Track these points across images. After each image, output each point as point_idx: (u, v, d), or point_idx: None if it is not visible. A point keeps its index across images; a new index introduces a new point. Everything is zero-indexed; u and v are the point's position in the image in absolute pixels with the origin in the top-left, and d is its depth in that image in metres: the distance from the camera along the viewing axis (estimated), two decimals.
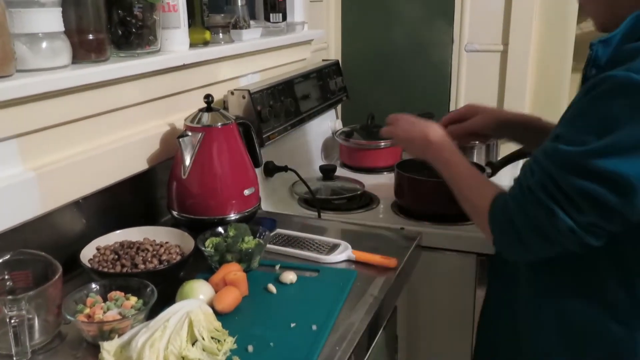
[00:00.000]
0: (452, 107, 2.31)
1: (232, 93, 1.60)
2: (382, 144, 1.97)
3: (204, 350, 0.89)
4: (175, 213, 1.35)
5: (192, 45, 1.47)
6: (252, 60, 1.78)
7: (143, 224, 1.29)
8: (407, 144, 1.24)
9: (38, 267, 1.00)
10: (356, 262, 1.24)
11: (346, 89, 2.23)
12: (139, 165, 1.36)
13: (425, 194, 1.57)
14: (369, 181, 1.81)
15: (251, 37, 1.76)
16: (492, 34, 2.22)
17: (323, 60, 2.24)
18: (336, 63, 2.21)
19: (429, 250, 1.49)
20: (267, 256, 1.26)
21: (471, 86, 2.29)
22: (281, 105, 1.72)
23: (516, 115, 1.30)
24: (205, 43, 1.54)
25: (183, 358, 0.87)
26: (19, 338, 0.88)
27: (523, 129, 1.27)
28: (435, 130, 1.17)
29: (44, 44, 1.07)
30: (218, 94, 1.58)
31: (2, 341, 0.94)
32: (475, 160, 1.80)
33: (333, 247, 1.29)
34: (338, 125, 2.21)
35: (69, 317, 0.94)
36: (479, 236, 1.14)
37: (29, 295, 0.91)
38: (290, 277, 1.15)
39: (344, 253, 1.25)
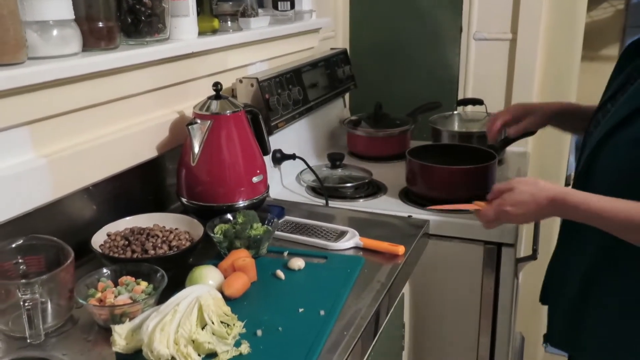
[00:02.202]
0: (460, 96, 2.31)
1: (241, 81, 1.61)
2: (390, 132, 1.97)
3: (213, 334, 0.91)
4: (184, 200, 1.36)
5: (201, 33, 1.48)
6: (260, 49, 1.78)
7: (152, 211, 1.30)
8: (523, 219, 1.12)
9: (50, 252, 1.02)
10: (364, 249, 1.25)
11: (354, 78, 2.23)
12: (148, 152, 1.37)
13: (437, 180, 1.58)
14: (377, 169, 1.81)
15: (259, 25, 1.76)
16: (501, 22, 2.21)
17: (331, 48, 2.24)
18: (344, 51, 2.21)
19: (436, 238, 1.50)
20: (275, 243, 1.27)
21: (479, 75, 2.28)
22: (289, 93, 1.73)
23: (561, 107, 1.35)
24: (214, 31, 1.55)
25: (193, 341, 0.88)
26: (32, 321, 0.90)
27: (570, 117, 1.33)
28: (555, 191, 1.05)
29: (54, 32, 1.08)
30: (226, 82, 1.59)
31: (16, 324, 0.96)
32: (476, 145, 1.81)
33: (341, 234, 1.30)
34: (346, 113, 2.21)
35: (81, 301, 0.96)
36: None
37: (42, 279, 0.93)
38: (298, 263, 1.16)
39: (351, 240, 1.26)
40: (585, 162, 1.09)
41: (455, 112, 2.16)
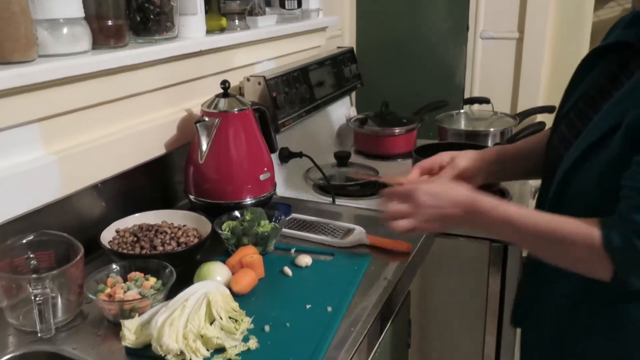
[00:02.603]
0: (466, 95, 2.31)
1: (248, 79, 1.62)
2: (397, 131, 1.98)
3: (222, 329, 0.92)
4: (192, 197, 1.37)
5: (209, 31, 1.49)
6: (267, 47, 1.79)
7: (160, 208, 1.31)
8: (440, 226, 1.02)
9: (60, 247, 1.03)
10: (370, 247, 1.26)
11: (360, 76, 2.23)
12: (157, 150, 1.38)
13: None
14: (383, 168, 1.82)
15: (266, 23, 1.77)
16: (507, 21, 2.21)
17: (338, 47, 2.24)
18: (351, 50, 2.21)
19: (442, 237, 1.50)
20: (282, 240, 1.28)
21: (486, 74, 2.29)
22: (296, 92, 1.74)
23: (486, 156, 1.18)
24: (222, 30, 1.56)
25: (202, 336, 0.89)
26: (43, 315, 0.91)
27: (495, 164, 1.17)
28: (465, 195, 0.96)
29: (64, 30, 1.09)
30: (234, 80, 1.59)
31: (27, 318, 0.97)
32: (482, 144, 1.81)
33: (348, 232, 1.30)
34: (352, 112, 2.22)
35: (91, 296, 0.97)
36: None
37: (53, 275, 0.94)
38: (305, 260, 1.17)
39: (358, 237, 1.27)
40: (558, 186, 0.95)
41: (461, 110, 2.17)
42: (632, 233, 0.80)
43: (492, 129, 1.95)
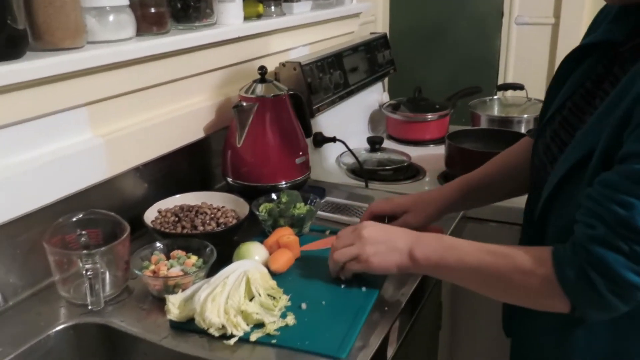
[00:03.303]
0: (500, 81, 2.30)
1: (284, 65, 1.65)
2: (429, 116, 1.99)
3: (261, 305, 0.96)
4: (229, 180, 1.41)
5: (246, 18, 1.52)
6: (302, 33, 1.82)
7: (198, 190, 1.36)
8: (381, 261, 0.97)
9: (107, 226, 1.08)
10: None
11: (393, 62, 2.24)
12: (196, 133, 1.42)
13: (476, 165, 1.59)
14: (416, 153, 1.84)
15: (301, 10, 1.79)
16: (543, 6, 2.19)
17: (371, 33, 2.26)
18: (384, 36, 2.22)
19: (475, 222, 1.52)
20: (317, 222, 1.31)
21: (520, 60, 2.28)
22: (330, 77, 1.76)
23: (448, 193, 1.17)
24: (258, 16, 1.59)
25: (242, 312, 0.93)
26: (93, 289, 0.96)
27: (462, 199, 1.17)
28: (404, 241, 0.95)
29: (111, 17, 1.13)
30: (269, 66, 1.62)
31: (77, 292, 1.03)
32: (516, 130, 1.82)
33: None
34: (385, 97, 2.23)
35: (137, 272, 1.02)
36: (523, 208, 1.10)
37: (101, 251, 0.99)
38: None
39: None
40: (542, 208, 0.90)
41: (495, 97, 2.16)
42: (588, 266, 0.74)
43: (525, 116, 1.94)
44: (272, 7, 1.67)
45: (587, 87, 0.92)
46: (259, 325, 0.94)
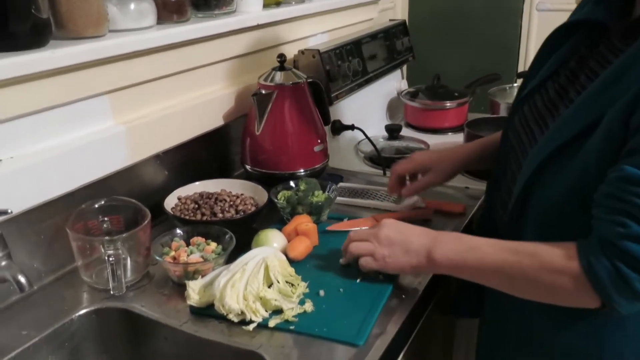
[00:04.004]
0: (520, 69, 2.28)
1: (303, 52, 1.65)
2: (448, 104, 1.98)
3: (279, 292, 0.97)
4: (248, 167, 1.42)
5: (265, 5, 1.53)
6: (321, 21, 1.81)
7: (217, 177, 1.37)
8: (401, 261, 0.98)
9: (129, 212, 1.10)
10: (424, 209, 1.30)
11: (412, 49, 2.23)
12: (215, 121, 1.43)
13: (494, 154, 1.59)
14: (434, 141, 1.83)
15: None
16: None
17: (390, 20, 2.25)
18: (403, 23, 2.21)
19: None
20: (336, 209, 1.32)
21: None
22: (349, 64, 1.76)
23: (466, 152, 1.22)
24: (278, 3, 1.59)
25: (261, 298, 0.95)
26: (115, 274, 0.98)
27: (478, 159, 1.21)
28: (421, 242, 0.95)
29: (132, 6, 1.14)
30: (288, 53, 1.63)
31: (99, 277, 1.05)
32: None
33: (400, 197, 1.33)
34: (403, 85, 2.22)
35: (157, 258, 1.04)
36: None
37: (123, 237, 1.01)
38: None
39: (413, 200, 1.30)
40: (522, 192, 0.88)
41: (514, 84, 2.15)
42: (621, 263, 0.74)
43: None
44: None
45: (571, 66, 0.92)
46: (278, 311, 0.95)
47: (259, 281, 0.97)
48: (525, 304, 0.88)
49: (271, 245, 1.10)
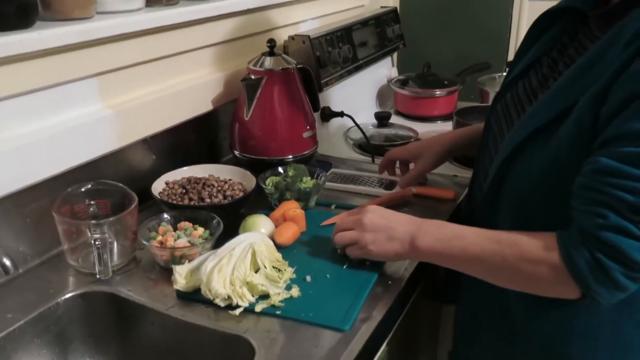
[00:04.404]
0: (510, 58, 2.28)
1: (293, 38, 1.64)
2: (438, 92, 1.98)
3: (266, 277, 0.97)
4: (237, 153, 1.42)
5: None
6: (311, 6, 1.80)
7: (206, 162, 1.37)
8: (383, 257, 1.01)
9: (116, 196, 1.10)
10: (416, 196, 1.31)
11: (403, 37, 2.23)
12: (204, 106, 1.43)
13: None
14: (423, 129, 1.83)
15: None
16: None
17: (381, 7, 2.24)
18: (394, 10, 2.20)
19: None
20: (325, 194, 1.32)
21: None
22: (339, 51, 1.75)
23: (455, 136, 1.26)
24: None
25: (248, 283, 0.95)
26: (102, 258, 0.98)
27: (468, 143, 1.22)
28: (412, 217, 0.97)
29: None
30: (278, 38, 1.62)
31: (85, 261, 1.04)
32: None
33: (391, 183, 1.34)
34: (394, 73, 2.22)
35: (144, 242, 1.03)
36: None
37: (110, 221, 1.00)
38: None
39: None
40: (497, 173, 0.90)
41: (504, 73, 2.14)
42: (600, 254, 0.75)
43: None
44: None
45: (552, 55, 0.93)
46: (264, 296, 0.95)
47: (246, 266, 0.97)
48: (499, 291, 0.89)
49: (259, 231, 1.10)
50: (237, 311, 0.93)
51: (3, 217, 1.00)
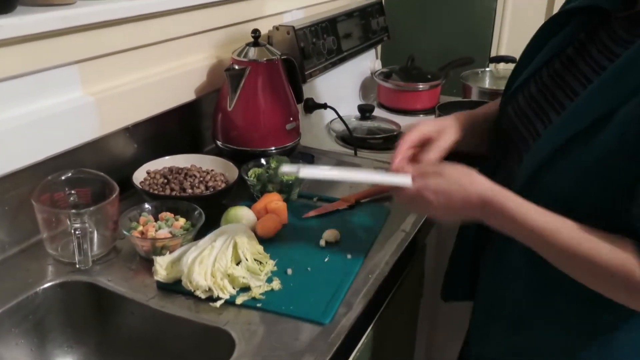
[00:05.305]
0: (493, 53, 2.30)
1: (277, 28, 1.63)
2: (421, 86, 1.99)
3: (247, 269, 0.97)
4: (219, 143, 1.41)
5: None
6: None
7: (188, 152, 1.36)
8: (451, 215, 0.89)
9: (96, 185, 1.09)
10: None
11: (387, 29, 2.22)
12: (187, 95, 1.41)
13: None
14: (405, 122, 1.84)
15: None
16: None
17: None
18: (379, 2, 2.20)
19: None
20: (308, 186, 1.32)
21: (515, 32, 2.26)
22: (323, 42, 1.74)
23: (477, 112, 1.11)
24: None
25: (229, 275, 0.95)
26: (81, 248, 0.97)
27: (486, 120, 1.09)
28: (478, 195, 0.83)
29: None
30: (263, 28, 1.61)
31: (65, 250, 1.03)
32: None
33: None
34: (377, 65, 2.22)
35: (125, 232, 1.03)
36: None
37: (90, 210, 1.00)
38: (335, 234, 1.12)
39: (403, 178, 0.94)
40: (529, 179, 0.84)
41: (487, 69, 2.16)
42: None
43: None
44: None
45: (568, 53, 0.91)
46: (245, 289, 0.96)
47: (227, 258, 0.97)
48: (516, 286, 0.90)
49: (240, 223, 1.10)
50: (218, 303, 0.93)
51: None
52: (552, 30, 0.95)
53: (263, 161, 1.31)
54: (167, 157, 1.30)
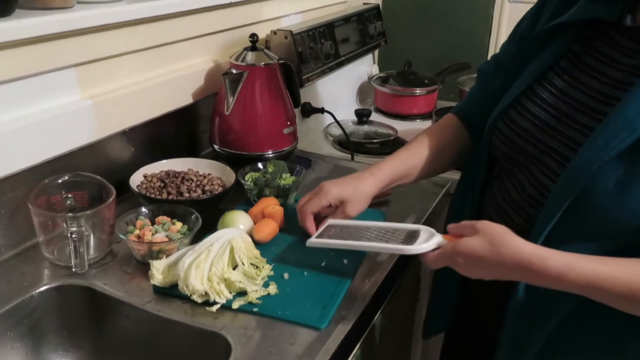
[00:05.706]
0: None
1: (275, 33, 1.63)
2: (417, 91, 2.00)
3: (244, 274, 0.97)
4: (216, 147, 1.41)
5: None
6: (294, 1, 1.80)
7: (185, 156, 1.36)
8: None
9: (93, 189, 1.09)
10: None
11: (385, 34, 2.23)
12: (184, 99, 1.42)
13: None
14: (402, 127, 1.84)
15: None
16: None
17: (364, 3, 2.24)
18: (377, 7, 2.21)
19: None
20: (304, 192, 1.31)
21: None
22: (321, 47, 1.75)
23: (378, 186, 1.08)
24: None
25: (225, 280, 0.95)
26: (78, 251, 0.97)
27: (390, 186, 1.12)
28: (514, 260, 0.78)
29: None
30: (261, 33, 1.61)
31: (61, 253, 1.03)
32: None
33: (411, 234, 0.94)
34: (374, 70, 2.23)
35: (122, 236, 1.03)
36: None
37: (87, 214, 0.99)
38: None
39: (432, 240, 0.89)
40: (570, 196, 0.79)
41: None
42: None
43: None
44: None
45: (563, 65, 0.90)
46: (242, 293, 0.96)
47: (223, 262, 0.97)
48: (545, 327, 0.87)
49: (237, 227, 1.10)
50: (214, 308, 0.93)
51: None
52: (544, 41, 0.94)
53: (260, 165, 1.31)
54: (164, 161, 1.30)
